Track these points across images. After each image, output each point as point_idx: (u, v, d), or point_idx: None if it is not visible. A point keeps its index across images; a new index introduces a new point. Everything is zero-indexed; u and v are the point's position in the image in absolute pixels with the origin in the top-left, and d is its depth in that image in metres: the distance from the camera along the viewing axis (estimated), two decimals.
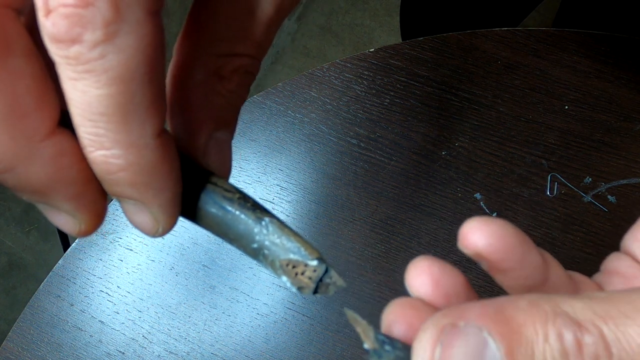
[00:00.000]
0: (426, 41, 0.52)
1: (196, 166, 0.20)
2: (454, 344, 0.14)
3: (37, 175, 0.16)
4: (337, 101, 0.51)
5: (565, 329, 0.13)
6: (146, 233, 0.19)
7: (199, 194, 0.19)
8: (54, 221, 0.18)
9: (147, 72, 0.15)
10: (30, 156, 0.15)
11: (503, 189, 0.47)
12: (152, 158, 0.16)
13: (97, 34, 0.14)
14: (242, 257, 0.48)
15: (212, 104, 0.21)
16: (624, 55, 0.49)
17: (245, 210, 0.18)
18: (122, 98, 0.15)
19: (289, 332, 0.46)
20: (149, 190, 0.17)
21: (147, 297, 0.48)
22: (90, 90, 0.15)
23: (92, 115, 0.15)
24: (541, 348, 0.13)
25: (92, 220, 0.18)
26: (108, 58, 0.14)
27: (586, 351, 0.13)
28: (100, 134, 0.15)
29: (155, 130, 0.16)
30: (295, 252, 0.17)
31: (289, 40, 1.40)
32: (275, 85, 0.52)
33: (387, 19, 1.39)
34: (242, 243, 0.18)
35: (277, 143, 0.51)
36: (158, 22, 0.15)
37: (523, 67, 0.50)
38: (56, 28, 0.14)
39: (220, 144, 0.21)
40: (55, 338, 0.47)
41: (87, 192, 0.17)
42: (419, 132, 0.49)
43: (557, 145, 0.48)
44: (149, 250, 0.49)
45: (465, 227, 0.17)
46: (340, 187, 0.49)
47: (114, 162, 0.16)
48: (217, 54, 0.20)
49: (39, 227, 1.31)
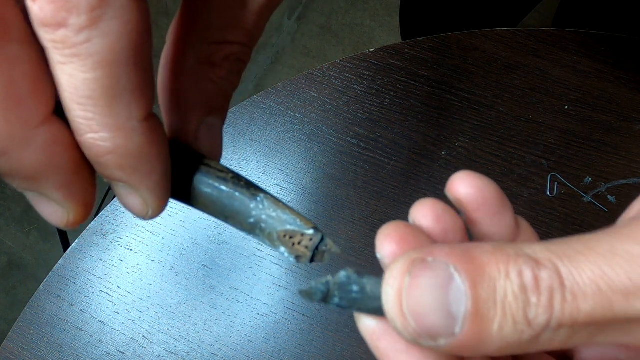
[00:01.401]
0: (426, 41, 0.52)
1: (188, 150, 0.20)
2: (422, 274, 0.15)
3: (30, 160, 0.16)
4: (337, 101, 0.51)
5: (525, 266, 0.14)
6: (136, 215, 0.19)
7: (193, 176, 0.19)
8: (43, 211, 0.18)
9: (132, 56, 0.15)
10: (25, 141, 0.15)
11: (503, 189, 0.47)
12: (139, 141, 0.17)
13: (82, 19, 0.14)
14: (242, 257, 0.48)
15: (203, 90, 0.21)
16: (624, 55, 0.49)
17: (239, 188, 0.19)
18: (108, 82, 0.15)
19: (289, 332, 0.46)
20: (137, 173, 0.17)
21: (147, 297, 0.48)
22: (77, 74, 0.15)
23: (79, 98, 0.15)
24: (503, 284, 0.14)
25: (80, 210, 0.18)
26: (93, 42, 0.15)
27: (542, 285, 0.14)
28: (88, 118, 0.16)
29: (142, 113, 0.16)
30: (292, 223, 0.18)
31: (289, 40, 1.40)
32: (275, 85, 0.52)
33: (387, 19, 1.39)
34: (238, 220, 0.19)
35: (277, 143, 0.51)
36: (143, 7, 0.15)
37: (523, 67, 0.50)
38: (43, 12, 0.14)
39: (211, 129, 0.22)
40: (55, 338, 0.47)
41: (78, 180, 0.17)
42: (419, 132, 0.49)
43: (557, 145, 0.48)
44: (149, 250, 0.49)
45: (454, 176, 0.19)
46: (340, 187, 0.49)
47: (102, 145, 0.16)
48: (209, 42, 0.21)
49: (39, 227, 1.31)
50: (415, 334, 0.15)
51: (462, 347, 0.15)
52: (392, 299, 0.15)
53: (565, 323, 0.14)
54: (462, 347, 0.15)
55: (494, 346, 0.14)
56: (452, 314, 0.14)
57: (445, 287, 0.15)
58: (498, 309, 0.14)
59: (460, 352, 0.15)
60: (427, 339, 0.15)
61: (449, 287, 0.15)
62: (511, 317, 0.14)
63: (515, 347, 0.15)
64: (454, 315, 0.14)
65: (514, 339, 0.14)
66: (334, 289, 0.16)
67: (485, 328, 0.14)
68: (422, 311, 0.15)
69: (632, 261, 0.14)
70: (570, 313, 0.14)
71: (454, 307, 0.14)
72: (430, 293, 0.15)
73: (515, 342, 0.14)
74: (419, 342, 0.15)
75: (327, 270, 0.47)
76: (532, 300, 0.14)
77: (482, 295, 0.14)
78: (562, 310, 0.14)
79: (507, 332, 0.14)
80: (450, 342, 0.15)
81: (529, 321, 0.14)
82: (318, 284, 0.16)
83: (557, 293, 0.14)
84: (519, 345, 0.14)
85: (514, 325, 0.14)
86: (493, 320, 0.14)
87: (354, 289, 0.16)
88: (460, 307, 0.14)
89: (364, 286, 0.16)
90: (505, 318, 0.14)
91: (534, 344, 0.14)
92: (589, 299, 0.14)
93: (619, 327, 0.14)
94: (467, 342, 0.15)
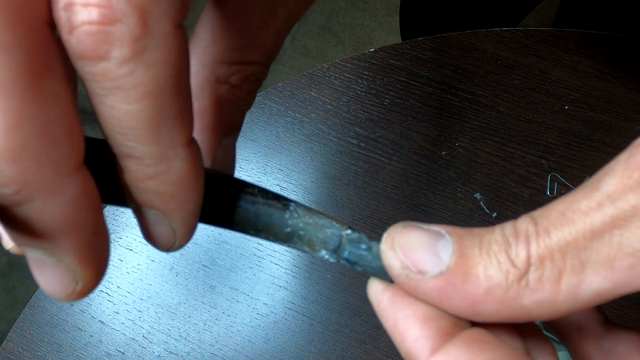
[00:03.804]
0: (426, 41, 0.52)
1: (210, 171, 0.20)
2: (413, 232, 0.17)
3: (52, 214, 0.14)
4: (337, 101, 0.51)
5: (506, 223, 0.17)
6: (161, 246, 0.18)
7: (221, 196, 0.19)
8: (44, 277, 0.16)
9: (175, 84, 0.15)
10: (54, 190, 0.14)
11: (503, 189, 0.47)
12: (181, 168, 0.16)
13: (124, 51, 0.13)
14: (242, 257, 0.48)
15: (221, 111, 0.21)
16: (624, 55, 0.49)
17: (270, 200, 0.19)
18: (152, 112, 0.14)
19: (289, 332, 0.46)
20: (174, 200, 0.16)
21: (147, 297, 0.48)
22: (119, 105, 0.14)
23: (121, 129, 0.15)
24: (487, 236, 0.16)
25: (92, 278, 0.16)
26: (137, 74, 0.14)
27: (519, 229, 0.16)
28: (130, 146, 0.15)
29: (185, 140, 0.16)
30: (330, 227, 0.19)
31: (289, 40, 1.40)
32: (275, 85, 0.52)
33: (387, 19, 1.39)
34: (272, 231, 0.19)
35: (277, 143, 0.51)
36: (183, 34, 0.15)
37: (523, 67, 0.50)
38: (82, 45, 0.13)
39: (226, 149, 0.22)
40: (55, 338, 0.47)
41: (97, 244, 0.16)
42: (419, 132, 0.49)
43: (557, 145, 0.48)
44: (149, 250, 0.49)
45: None
46: (340, 187, 0.49)
47: (143, 171, 0.16)
48: (230, 63, 0.20)
49: None
50: (403, 265, 0.17)
51: (450, 285, 0.16)
52: (385, 239, 0.17)
53: (543, 254, 0.15)
54: (450, 286, 0.16)
55: (481, 286, 0.16)
56: (438, 255, 0.16)
57: (434, 238, 0.17)
58: (483, 253, 0.16)
59: (450, 293, 0.16)
60: (415, 272, 0.16)
61: (437, 239, 0.17)
62: (495, 258, 0.16)
63: (506, 291, 0.16)
64: (441, 257, 0.16)
65: (501, 278, 0.16)
66: (345, 243, 0.18)
67: (471, 267, 0.16)
68: (411, 247, 0.17)
69: (589, 193, 0.16)
70: (544, 242, 0.15)
71: (441, 250, 0.16)
72: (419, 238, 0.17)
73: (502, 284, 0.16)
74: (408, 276, 0.16)
75: (326, 270, 0.47)
76: (512, 243, 0.16)
77: (467, 243, 0.16)
78: (537, 242, 0.16)
79: (493, 271, 0.16)
80: (438, 277, 0.16)
81: (512, 260, 0.16)
82: (332, 235, 0.18)
83: (532, 231, 0.16)
84: (509, 290, 0.16)
85: (498, 265, 0.16)
86: (478, 262, 0.16)
87: (362, 247, 0.18)
88: (447, 250, 0.16)
89: (371, 246, 0.18)
90: (489, 259, 0.16)
91: (525, 290, 0.16)
92: (557, 225, 0.15)
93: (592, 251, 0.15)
94: (454, 279, 0.16)
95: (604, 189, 0.15)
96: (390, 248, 0.17)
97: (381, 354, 0.45)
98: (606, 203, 0.15)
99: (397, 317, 0.17)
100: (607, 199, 0.15)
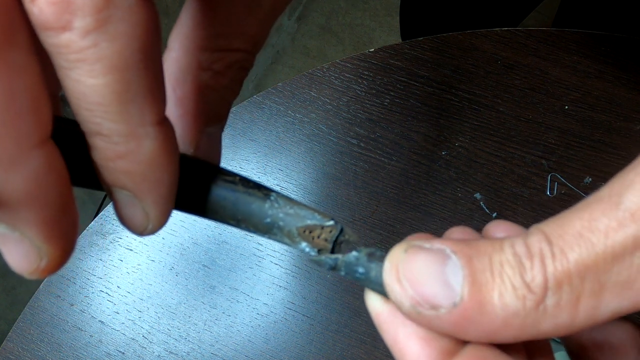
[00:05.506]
0: (426, 41, 0.52)
1: (189, 157, 0.20)
2: (419, 252, 0.16)
3: (15, 186, 0.14)
4: (337, 101, 0.51)
5: (515, 239, 0.15)
6: (134, 229, 0.17)
7: (199, 183, 0.18)
8: (8, 251, 0.15)
9: (143, 59, 0.14)
10: (15, 163, 0.13)
11: (503, 189, 0.47)
12: (152, 147, 0.15)
13: (87, 21, 0.13)
14: (242, 257, 0.48)
15: (205, 98, 0.21)
16: (624, 55, 0.49)
17: (250, 189, 0.18)
18: (119, 87, 0.14)
19: (289, 332, 0.46)
20: (145, 181, 0.16)
21: (147, 297, 0.48)
22: (84, 79, 0.14)
23: (87, 105, 0.14)
24: (497, 256, 0.15)
25: (58, 255, 0.15)
26: (101, 47, 0.13)
27: (533, 249, 0.15)
28: (97, 123, 0.15)
29: (155, 118, 0.15)
30: (311, 218, 0.18)
31: (289, 40, 1.40)
32: (275, 85, 0.52)
33: (387, 19, 1.39)
34: (252, 222, 0.18)
35: (277, 143, 0.51)
36: (152, 7, 0.14)
37: (523, 67, 0.50)
38: (44, 15, 0.13)
39: (211, 138, 0.21)
40: (55, 338, 0.47)
41: (63, 219, 0.15)
42: (419, 132, 0.49)
43: (557, 145, 0.48)
44: (149, 250, 0.49)
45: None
46: (340, 187, 0.49)
47: (111, 149, 0.15)
48: (213, 49, 0.20)
49: None
50: (414, 302, 0.15)
51: (466, 318, 0.15)
52: (389, 270, 0.16)
53: (560, 277, 0.14)
54: (465, 319, 0.15)
55: (499, 316, 0.15)
56: (449, 284, 0.15)
57: (441, 262, 0.15)
58: (495, 277, 0.15)
59: (466, 325, 0.15)
60: (427, 308, 0.15)
61: (444, 263, 0.15)
62: (509, 283, 0.15)
63: (524, 319, 0.15)
64: (452, 286, 0.15)
65: (518, 306, 0.14)
66: (341, 265, 0.17)
67: (485, 296, 0.15)
68: (419, 279, 0.15)
69: (608, 209, 0.14)
70: (562, 265, 0.14)
71: (451, 278, 0.15)
72: (426, 265, 0.15)
73: (520, 312, 0.14)
74: (421, 313, 0.15)
75: (326, 270, 0.47)
76: (526, 265, 0.15)
77: (477, 266, 0.15)
78: (554, 265, 0.14)
79: (509, 299, 0.14)
80: (452, 311, 0.15)
81: (528, 284, 0.14)
82: (327, 258, 0.17)
83: (547, 252, 0.15)
84: (527, 317, 0.15)
85: (514, 291, 0.14)
86: (492, 288, 0.15)
87: (359, 270, 0.17)
88: (457, 277, 0.15)
89: (369, 271, 0.17)
90: (504, 285, 0.15)
91: (543, 316, 0.15)
92: (575, 247, 0.14)
93: (612, 274, 0.14)
94: (469, 311, 0.15)
95: (626, 207, 0.14)
96: (396, 281, 0.16)
97: (381, 354, 0.45)
98: (628, 223, 0.14)
99: (397, 333, 0.17)
100: (629, 218, 0.14)
